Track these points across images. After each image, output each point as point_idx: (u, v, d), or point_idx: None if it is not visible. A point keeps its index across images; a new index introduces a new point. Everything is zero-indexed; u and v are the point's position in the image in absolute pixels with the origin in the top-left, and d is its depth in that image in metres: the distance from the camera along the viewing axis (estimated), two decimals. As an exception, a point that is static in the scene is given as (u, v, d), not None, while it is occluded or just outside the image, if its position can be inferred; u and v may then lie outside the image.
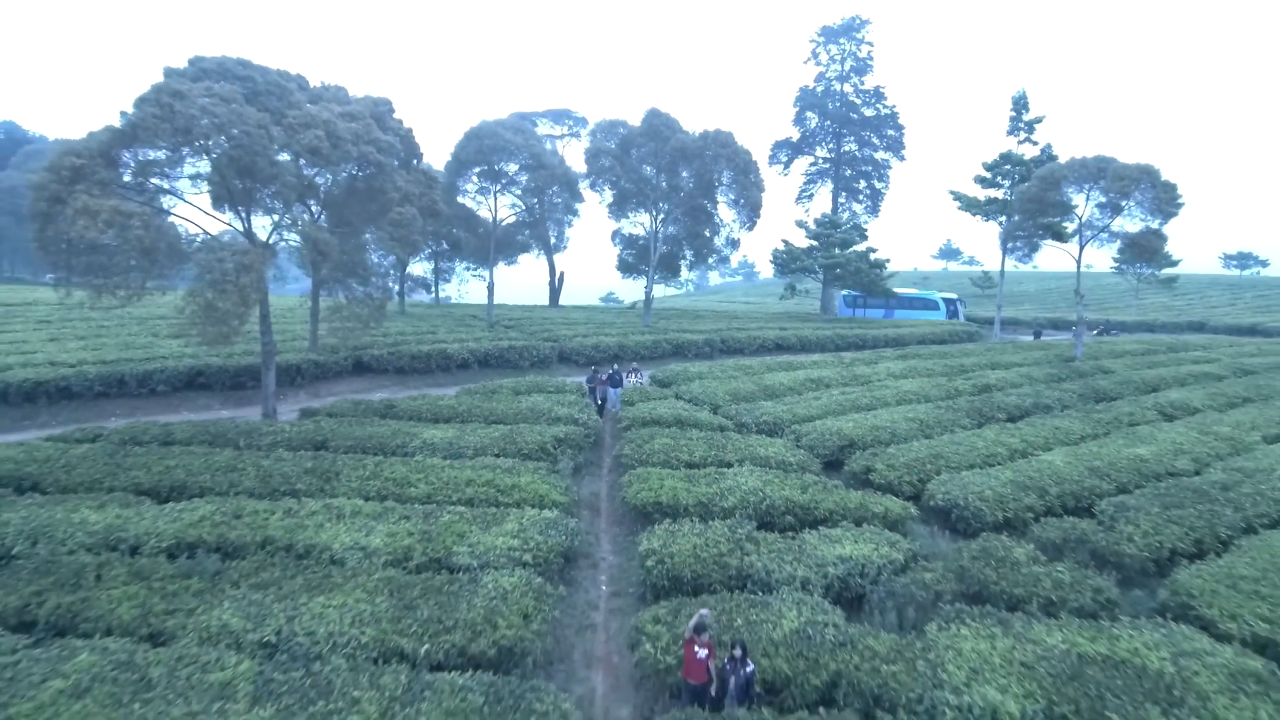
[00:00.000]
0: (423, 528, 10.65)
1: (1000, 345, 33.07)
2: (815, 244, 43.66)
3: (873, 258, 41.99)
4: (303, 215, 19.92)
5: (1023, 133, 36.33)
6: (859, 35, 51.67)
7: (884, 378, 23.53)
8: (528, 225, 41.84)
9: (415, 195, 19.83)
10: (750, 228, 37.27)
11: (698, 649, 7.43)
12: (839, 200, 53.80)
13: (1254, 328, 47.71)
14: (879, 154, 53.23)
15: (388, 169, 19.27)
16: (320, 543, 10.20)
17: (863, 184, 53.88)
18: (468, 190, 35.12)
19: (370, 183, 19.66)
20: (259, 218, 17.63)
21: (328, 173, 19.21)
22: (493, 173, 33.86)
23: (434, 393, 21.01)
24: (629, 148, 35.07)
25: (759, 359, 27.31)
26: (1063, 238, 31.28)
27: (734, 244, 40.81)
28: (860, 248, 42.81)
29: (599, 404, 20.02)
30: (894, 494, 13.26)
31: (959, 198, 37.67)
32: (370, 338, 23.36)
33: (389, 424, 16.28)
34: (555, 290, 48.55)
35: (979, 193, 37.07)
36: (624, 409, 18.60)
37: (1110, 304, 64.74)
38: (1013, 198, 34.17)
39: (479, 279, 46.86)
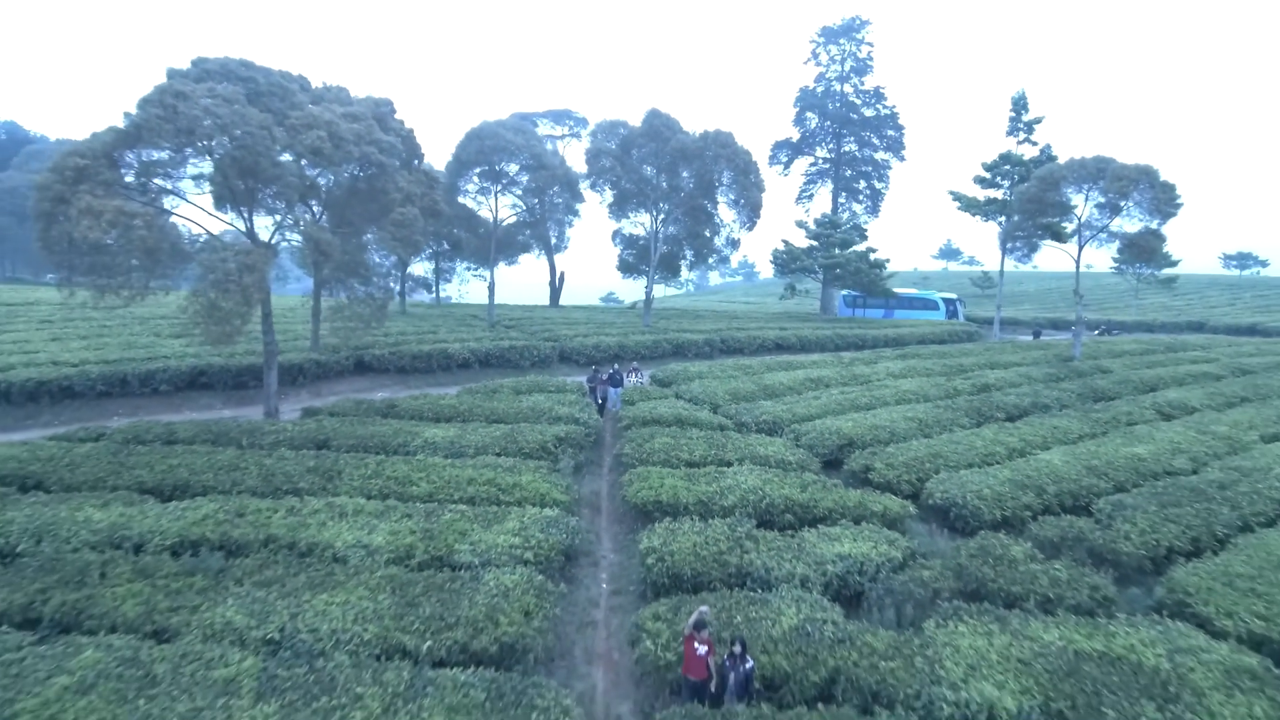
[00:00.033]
0: (424, 526, 10.71)
1: (999, 345, 33.06)
2: (815, 244, 43.69)
3: (872, 258, 42.01)
4: (305, 215, 19.99)
5: (1022, 133, 36.40)
6: (859, 36, 51.71)
7: (883, 377, 23.58)
8: (528, 225, 41.87)
9: (416, 195, 19.90)
10: (750, 228, 37.29)
11: (698, 646, 7.50)
12: (839, 200, 53.82)
13: (1253, 328, 47.72)
14: (879, 154, 53.24)
15: (389, 169, 19.32)
16: (323, 541, 10.27)
17: (863, 184, 53.90)
18: (468, 190, 35.11)
19: (372, 183, 19.71)
20: (261, 218, 17.70)
21: (329, 173, 19.26)
22: (493, 173, 33.87)
23: (435, 392, 21.08)
24: (629, 148, 35.09)
25: (759, 359, 27.35)
26: (1062, 238, 31.33)
27: (734, 244, 40.81)
28: (860, 248, 42.84)
29: (599, 403, 20.09)
30: (893, 493, 13.32)
31: (959, 198, 37.73)
32: (372, 337, 23.43)
33: (391, 423, 16.35)
34: (556, 290, 48.58)
35: (978, 193, 37.13)
36: (624, 408, 18.67)
37: (1109, 304, 64.75)
38: (1012, 198, 34.19)
39: (480, 279, 46.91)
